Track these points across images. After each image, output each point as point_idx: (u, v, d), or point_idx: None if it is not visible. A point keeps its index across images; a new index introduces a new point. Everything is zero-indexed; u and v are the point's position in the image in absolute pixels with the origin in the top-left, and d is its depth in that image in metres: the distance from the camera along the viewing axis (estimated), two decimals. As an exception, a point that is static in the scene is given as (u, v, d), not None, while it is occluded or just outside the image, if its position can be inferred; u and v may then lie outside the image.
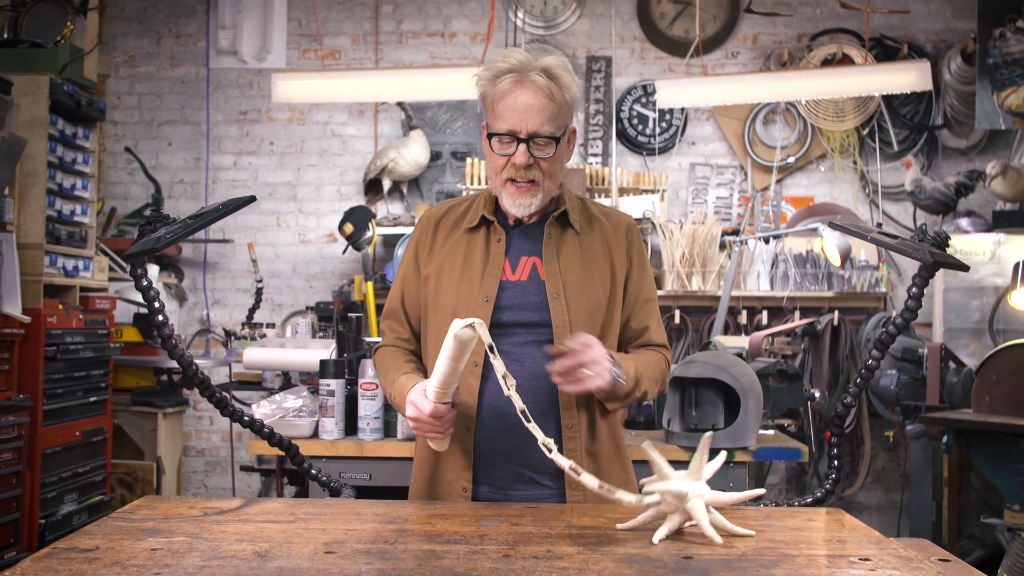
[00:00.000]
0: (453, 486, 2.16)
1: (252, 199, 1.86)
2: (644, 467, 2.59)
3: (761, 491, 1.88)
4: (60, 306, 4.48)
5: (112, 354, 4.82)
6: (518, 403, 1.81)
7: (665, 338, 2.30)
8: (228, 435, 6.20)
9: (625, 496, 1.75)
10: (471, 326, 1.84)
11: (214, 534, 1.70)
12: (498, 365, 1.82)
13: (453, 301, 2.16)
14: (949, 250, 1.99)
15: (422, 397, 1.99)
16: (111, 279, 5.26)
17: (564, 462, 1.78)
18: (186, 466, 6.04)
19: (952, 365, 5.10)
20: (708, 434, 1.81)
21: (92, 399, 4.63)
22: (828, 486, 2.24)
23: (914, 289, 2.01)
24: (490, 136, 2.11)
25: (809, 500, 2.25)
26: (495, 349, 1.83)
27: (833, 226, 1.96)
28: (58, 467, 4.34)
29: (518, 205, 2.14)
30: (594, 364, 1.98)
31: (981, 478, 5.29)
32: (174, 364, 5.22)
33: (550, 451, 1.80)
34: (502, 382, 1.81)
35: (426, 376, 2.14)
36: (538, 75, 2.08)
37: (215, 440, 6.26)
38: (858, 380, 2.13)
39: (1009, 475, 4.18)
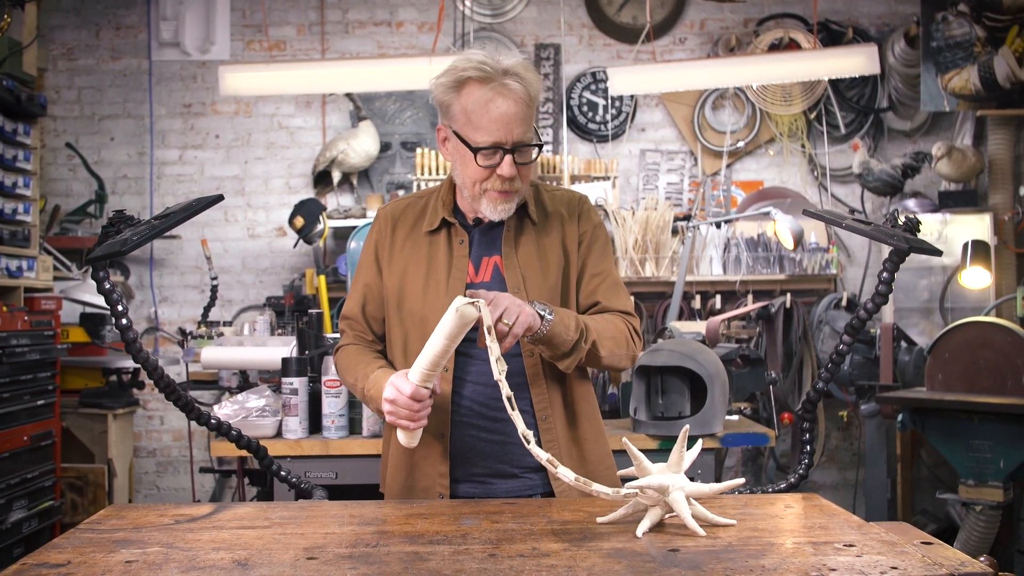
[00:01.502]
0: (429, 492, 2.13)
1: (220, 198, 1.81)
2: (620, 457, 2.59)
3: (740, 481, 1.88)
4: (4, 308, 4.35)
5: (59, 355, 4.69)
6: (505, 389, 1.78)
7: (626, 305, 2.23)
8: (179, 435, 6.11)
9: (602, 489, 1.74)
10: (475, 304, 1.80)
11: (189, 543, 1.66)
12: (494, 347, 1.79)
13: (421, 307, 2.13)
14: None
15: (403, 379, 1.94)
16: (56, 279, 5.13)
17: (542, 454, 1.76)
18: (137, 467, 5.94)
19: (903, 344, 5.17)
20: (686, 426, 1.80)
21: (39, 402, 4.51)
22: (802, 471, 2.24)
23: (885, 274, 2.02)
24: (476, 151, 2.04)
25: (783, 486, 2.25)
26: (492, 331, 1.79)
27: (808, 213, 1.96)
28: (6, 474, 4.22)
29: (500, 211, 2.10)
30: (506, 311, 1.89)
31: (932, 454, 5.39)
32: (123, 364, 5.13)
33: (528, 442, 1.77)
34: (494, 366, 1.78)
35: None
36: (511, 80, 2.03)
37: (166, 440, 6.16)
38: (829, 365, 2.14)
39: (963, 451, 4.26)
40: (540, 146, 2.10)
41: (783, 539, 1.67)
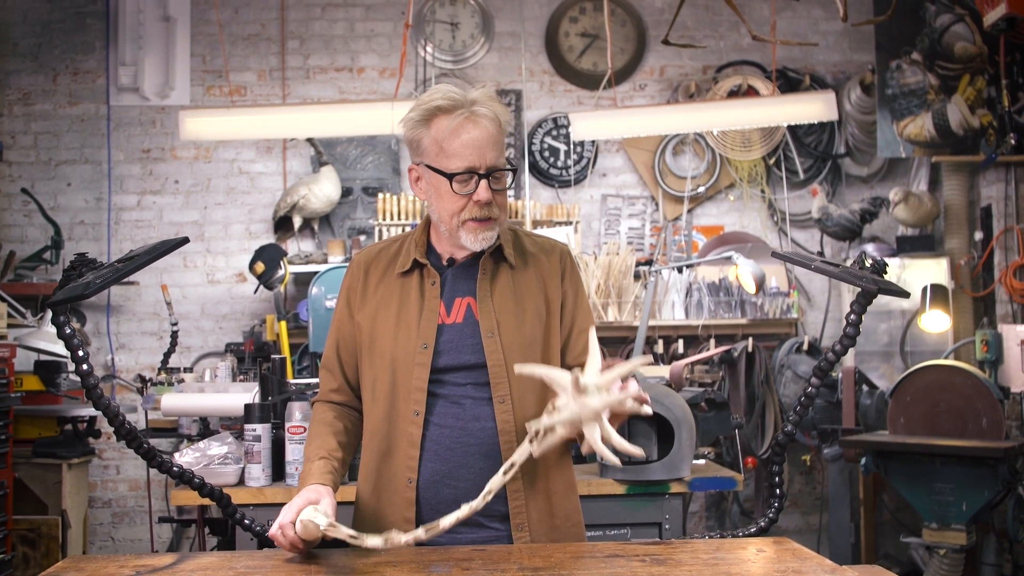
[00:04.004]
0: None
1: (185, 240, 1.78)
2: (591, 502, 2.57)
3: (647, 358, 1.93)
4: (-44, 355, 4.26)
5: (12, 404, 4.59)
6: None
7: None
8: (135, 484, 5.98)
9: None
10: (314, 522, 1.81)
11: (151, 595, 1.61)
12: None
13: (392, 348, 2.11)
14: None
15: (290, 526, 1.91)
16: (10, 326, 5.03)
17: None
18: (91, 518, 5.80)
19: (865, 388, 5.20)
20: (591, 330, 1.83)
21: (-8, 452, 4.40)
22: (772, 514, 2.24)
23: (852, 316, 2.03)
24: (450, 177, 2.04)
25: (753, 530, 2.24)
26: (336, 526, 1.81)
27: (778, 255, 1.97)
28: (-43, 526, 4.11)
29: (480, 240, 2.09)
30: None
31: (894, 498, 5.41)
32: (79, 412, 5.02)
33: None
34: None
35: (340, 453, 2.14)
36: (480, 107, 2.04)
37: (122, 490, 6.03)
38: (799, 408, 2.14)
39: (926, 494, 4.27)
40: (514, 170, 2.10)
41: (759, 584, 1.66)
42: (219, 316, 6.13)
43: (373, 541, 1.78)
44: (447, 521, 1.81)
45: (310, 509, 1.85)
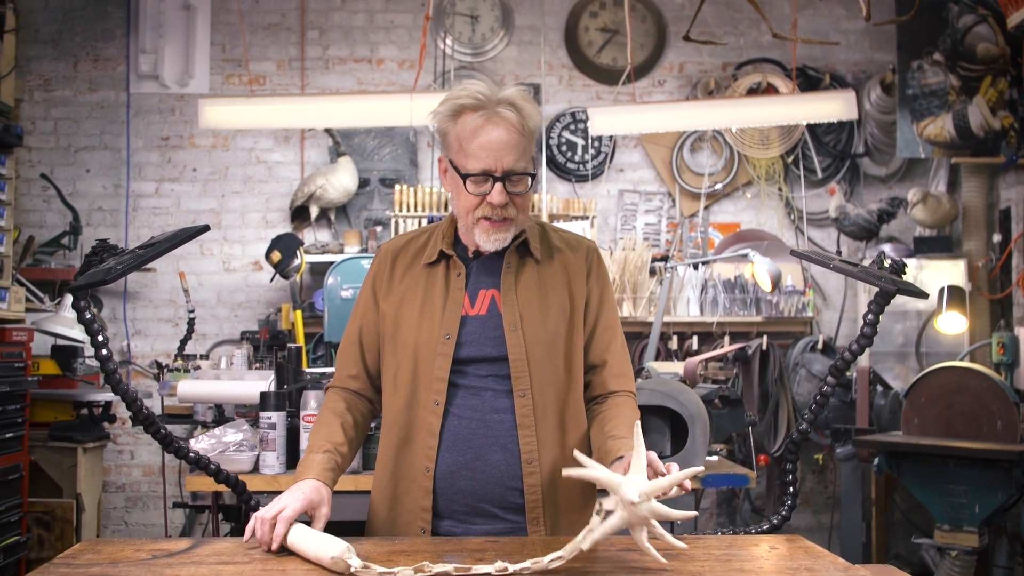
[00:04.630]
0: (411, 526, 2.10)
1: (206, 228, 1.79)
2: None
3: (698, 469, 1.89)
4: (-25, 339, 4.29)
5: (29, 388, 4.62)
6: None
7: (627, 367, 2.22)
8: (149, 470, 6.02)
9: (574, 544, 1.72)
10: (347, 561, 1.71)
11: (167, 579, 1.62)
12: None
13: (415, 338, 2.12)
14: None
15: (287, 526, 1.89)
16: (28, 310, 5.06)
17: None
18: (105, 502, 5.83)
19: (879, 388, 5.19)
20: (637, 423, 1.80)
21: (8, 435, 4.42)
22: (784, 512, 2.23)
23: (870, 316, 2.03)
24: (464, 177, 2.05)
25: (766, 527, 2.24)
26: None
27: (796, 254, 1.97)
28: (-28, 508, 4.13)
29: (493, 241, 2.09)
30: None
31: (905, 499, 5.39)
32: (95, 397, 5.05)
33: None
34: None
35: (346, 449, 2.13)
36: (505, 109, 2.03)
37: (136, 475, 6.06)
38: (814, 407, 2.13)
39: (939, 496, 4.26)
40: (533, 176, 2.10)
41: (771, 581, 1.66)
42: (235, 304, 6.16)
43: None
44: None
45: (343, 548, 1.72)
